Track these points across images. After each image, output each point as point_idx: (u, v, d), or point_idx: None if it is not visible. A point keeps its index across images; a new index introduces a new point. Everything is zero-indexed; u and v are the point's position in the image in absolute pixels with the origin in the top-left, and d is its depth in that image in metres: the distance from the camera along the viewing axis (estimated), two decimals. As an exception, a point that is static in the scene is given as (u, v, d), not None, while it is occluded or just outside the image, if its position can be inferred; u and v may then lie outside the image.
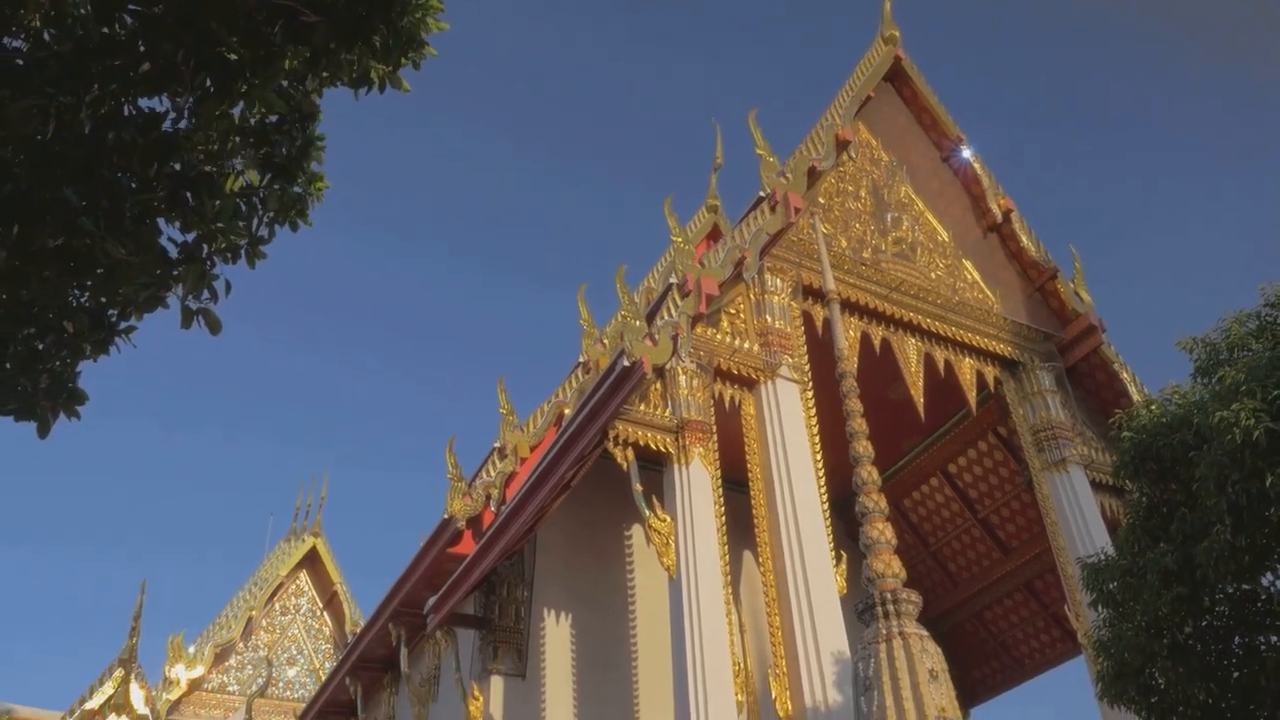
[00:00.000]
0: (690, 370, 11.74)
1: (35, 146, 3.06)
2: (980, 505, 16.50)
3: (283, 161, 3.34)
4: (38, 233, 3.11)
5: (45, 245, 3.12)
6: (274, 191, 3.37)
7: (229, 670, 26.82)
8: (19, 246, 3.15)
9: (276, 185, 3.36)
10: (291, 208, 3.43)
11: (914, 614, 6.81)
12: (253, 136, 3.31)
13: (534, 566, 14.61)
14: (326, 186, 3.53)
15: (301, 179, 3.43)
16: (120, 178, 3.17)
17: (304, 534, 29.32)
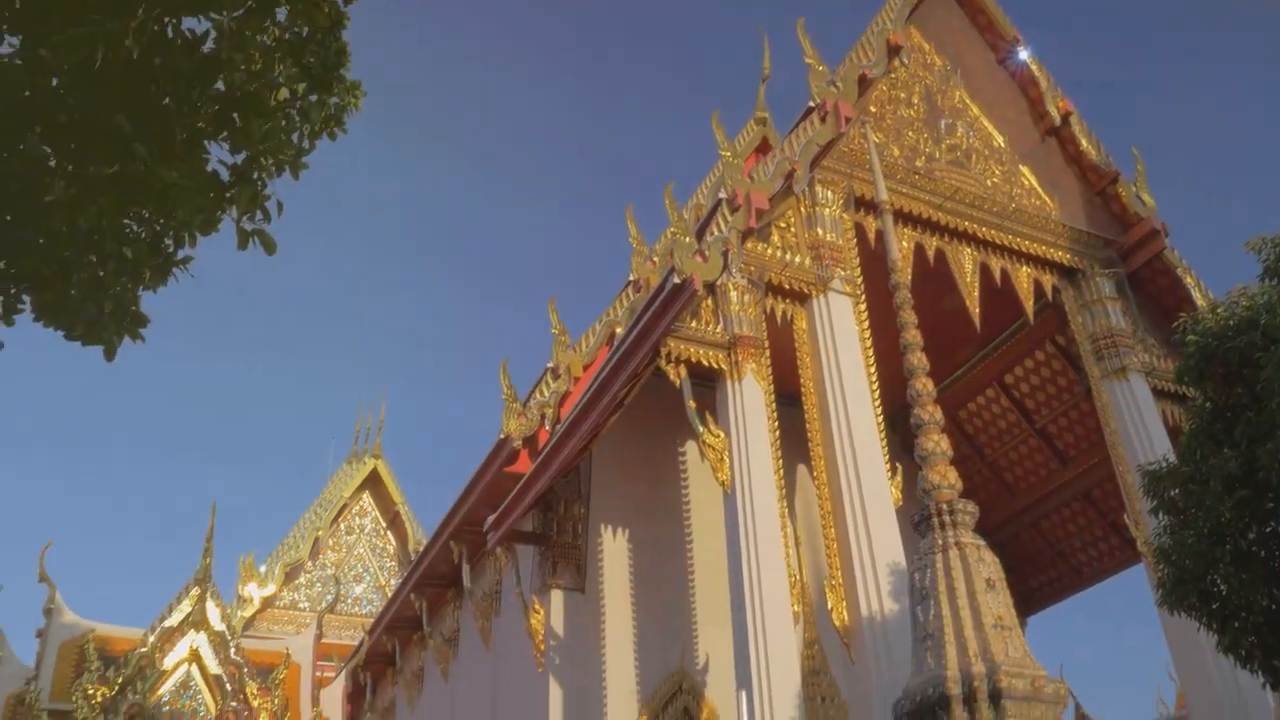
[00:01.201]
0: (741, 286, 11.66)
1: (85, 74, 3.08)
2: (1037, 415, 16.34)
3: (319, 72, 3.33)
4: (93, 161, 3.15)
5: (101, 173, 3.16)
6: (313, 103, 3.37)
7: (299, 588, 27.76)
8: (76, 175, 3.19)
9: (315, 96, 3.35)
10: (330, 118, 3.43)
11: (970, 524, 6.80)
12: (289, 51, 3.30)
13: (590, 483, 14.81)
14: (364, 94, 3.52)
15: (339, 88, 3.43)
16: (168, 102, 3.19)
17: (365, 456, 29.97)
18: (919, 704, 6.10)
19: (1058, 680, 6.14)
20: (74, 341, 3.25)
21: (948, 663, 6.05)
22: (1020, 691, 5.83)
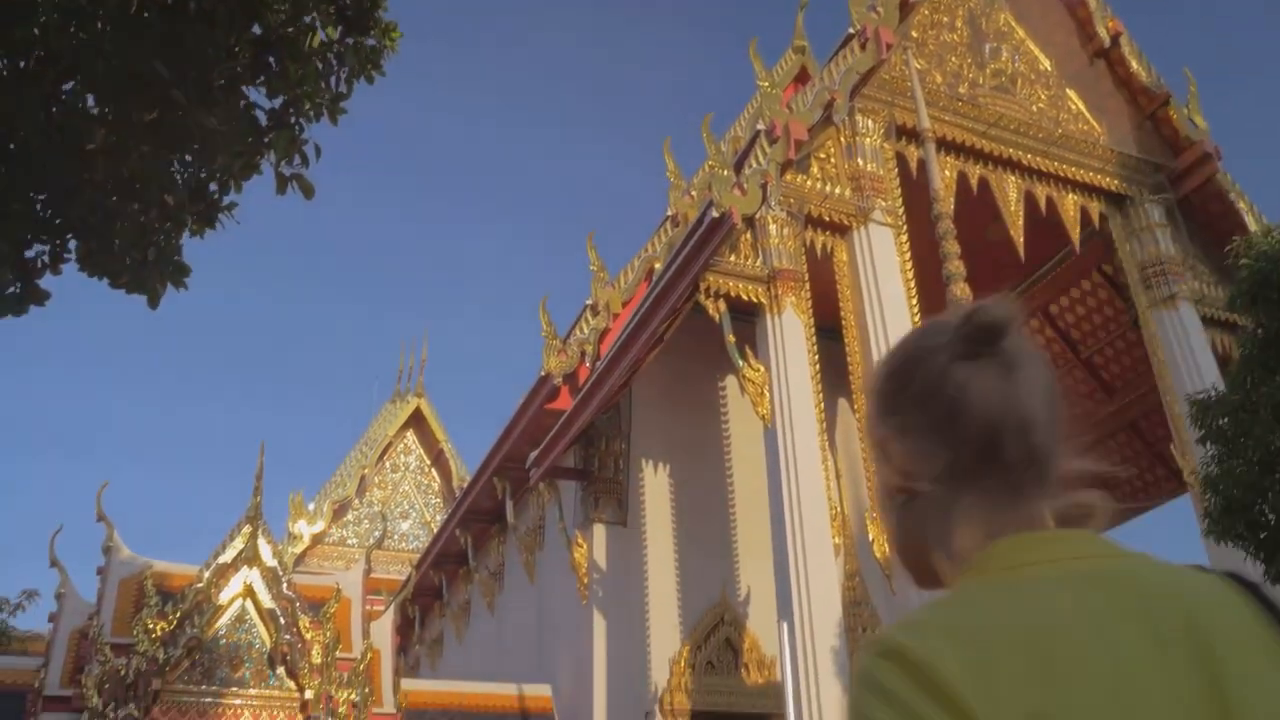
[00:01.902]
0: (780, 219, 11.55)
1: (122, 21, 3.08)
2: (1083, 346, 16.13)
3: (354, 13, 3.31)
4: (133, 108, 3.16)
5: (141, 120, 3.17)
6: (349, 46, 3.34)
7: (347, 525, 28.35)
8: (117, 123, 3.20)
9: (351, 39, 3.33)
10: (367, 61, 3.41)
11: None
12: (325, -8, 3.28)
13: (631, 419, 14.89)
14: (400, 36, 3.49)
15: (375, 30, 3.40)
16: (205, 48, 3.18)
17: (408, 395, 30.33)
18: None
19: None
20: (119, 290, 3.30)
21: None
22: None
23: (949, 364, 0.99)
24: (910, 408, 1.00)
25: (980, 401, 0.96)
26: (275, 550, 12.71)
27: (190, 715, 11.49)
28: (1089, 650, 0.82)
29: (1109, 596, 0.87)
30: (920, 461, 0.99)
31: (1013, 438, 0.96)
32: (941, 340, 1.01)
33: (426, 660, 22.45)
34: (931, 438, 0.98)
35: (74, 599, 12.54)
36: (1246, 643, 0.87)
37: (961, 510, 0.97)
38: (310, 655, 11.91)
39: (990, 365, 0.99)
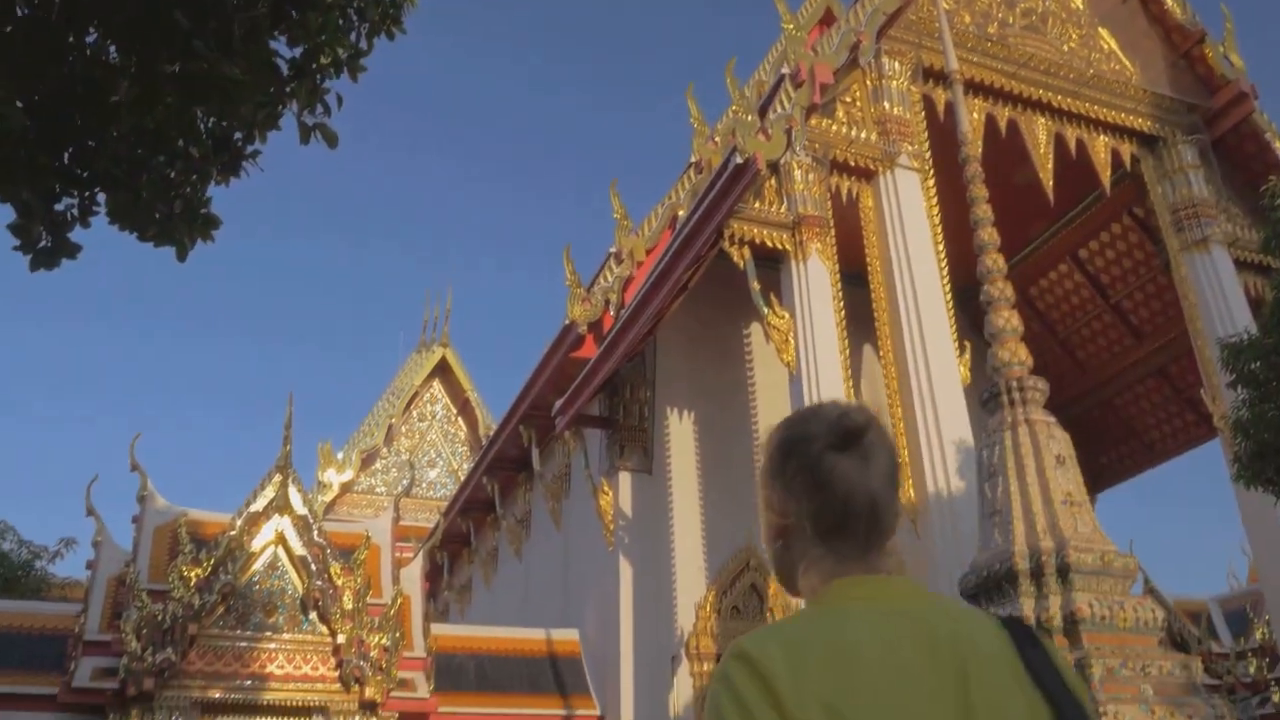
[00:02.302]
0: (805, 164, 11.43)
1: (141, -31, 3.06)
2: (1112, 290, 15.95)
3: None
4: (156, 59, 3.15)
5: (164, 71, 3.17)
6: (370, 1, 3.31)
7: (375, 473, 28.67)
8: (140, 75, 3.20)
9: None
10: (387, 16, 3.37)
11: (1041, 401, 6.72)
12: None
13: (655, 367, 14.91)
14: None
15: (394, -17, 3.36)
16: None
17: (433, 345, 30.46)
18: (986, 579, 6.16)
19: (1127, 555, 6.14)
20: (147, 243, 3.32)
21: (1015, 538, 6.07)
22: (1089, 566, 5.85)
23: (823, 450, 1.29)
24: (792, 476, 1.31)
25: (843, 481, 1.28)
26: (305, 499, 12.88)
27: (226, 659, 11.75)
28: (878, 663, 1.14)
29: (902, 627, 1.18)
30: (794, 517, 1.32)
31: (863, 509, 1.28)
32: (820, 430, 1.31)
33: (455, 606, 22.81)
34: (804, 501, 1.30)
35: (111, 547, 12.79)
36: (995, 667, 1.18)
37: (814, 558, 1.31)
38: (342, 601, 12.12)
39: (853, 456, 1.29)
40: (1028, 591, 5.85)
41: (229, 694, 11.59)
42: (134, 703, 11.19)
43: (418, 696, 12.41)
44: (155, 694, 11.22)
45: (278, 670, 11.86)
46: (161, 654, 11.18)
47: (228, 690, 11.59)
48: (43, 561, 19.63)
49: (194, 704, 11.54)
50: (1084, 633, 5.57)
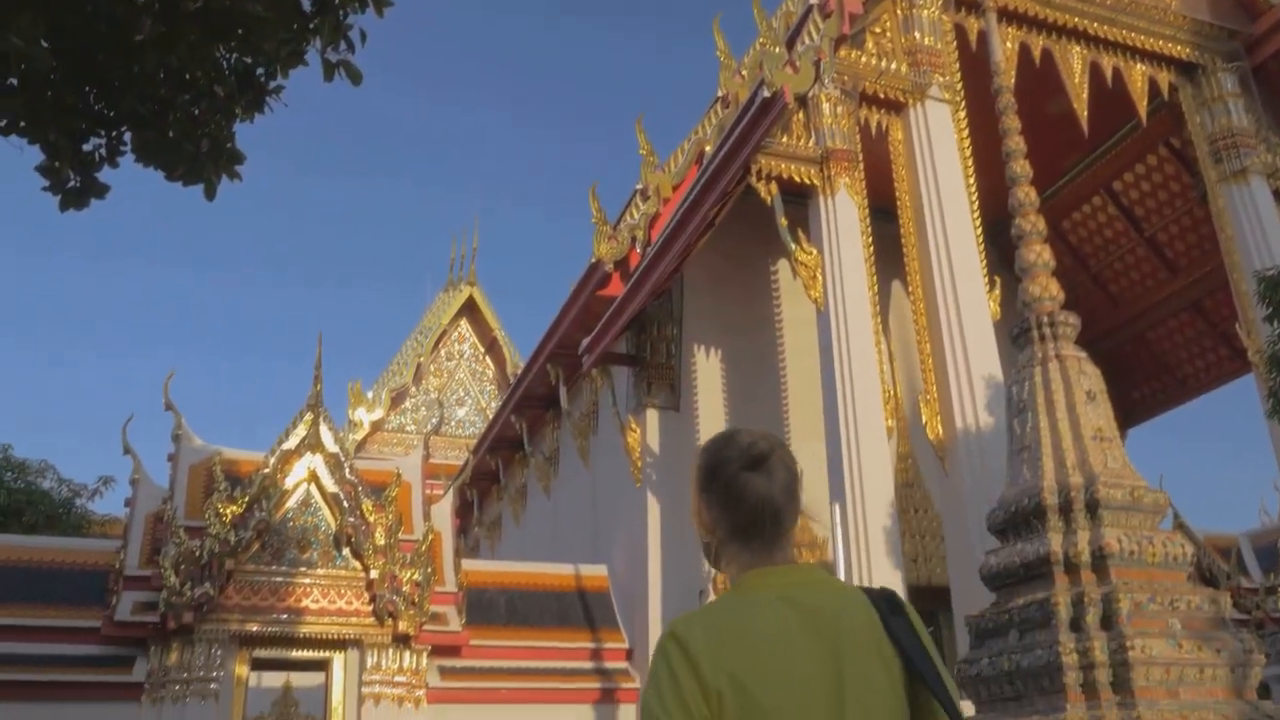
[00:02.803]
0: (834, 97, 11.24)
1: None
2: (1146, 223, 15.69)
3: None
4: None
5: (187, 8, 3.14)
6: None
7: (405, 412, 28.94)
8: (164, 13, 3.18)
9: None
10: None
11: (1072, 336, 6.66)
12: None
13: (682, 304, 14.88)
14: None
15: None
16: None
17: (460, 284, 30.50)
18: (1014, 514, 6.16)
19: (1157, 490, 6.12)
20: (175, 182, 3.32)
21: (1044, 474, 6.05)
22: (1118, 501, 5.83)
23: (738, 470, 1.63)
24: (715, 491, 1.65)
25: (752, 494, 1.62)
26: (337, 437, 13.04)
27: (262, 593, 12.01)
28: (773, 641, 1.46)
29: (793, 611, 1.50)
30: (717, 522, 1.66)
31: (768, 515, 1.62)
32: (735, 455, 1.64)
33: (486, 542, 23.14)
34: (724, 510, 1.64)
35: (148, 485, 13.03)
36: (862, 635, 1.50)
37: (733, 553, 1.65)
38: (374, 537, 12.32)
39: (760, 474, 1.63)
40: (1055, 527, 5.85)
41: (266, 627, 11.86)
42: (174, 636, 11.49)
43: (450, 630, 12.66)
44: (195, 627, 11.50)
45: (313, 604, 12.11)
46: (200, 589, 11.44)
47: (265, 623, 11.86)
48: (82, 499, 20.04)
49: (232, 637, 11.84)
50: (1112, 568, 5.57)
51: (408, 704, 12.16)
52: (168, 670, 11.46)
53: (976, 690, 5.91)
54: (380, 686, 12.12)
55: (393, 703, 12.10)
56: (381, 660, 12.22)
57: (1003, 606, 5.96)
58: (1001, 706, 5.70)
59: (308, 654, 12.62)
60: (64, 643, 11.50)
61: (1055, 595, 5.53)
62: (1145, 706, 4.95)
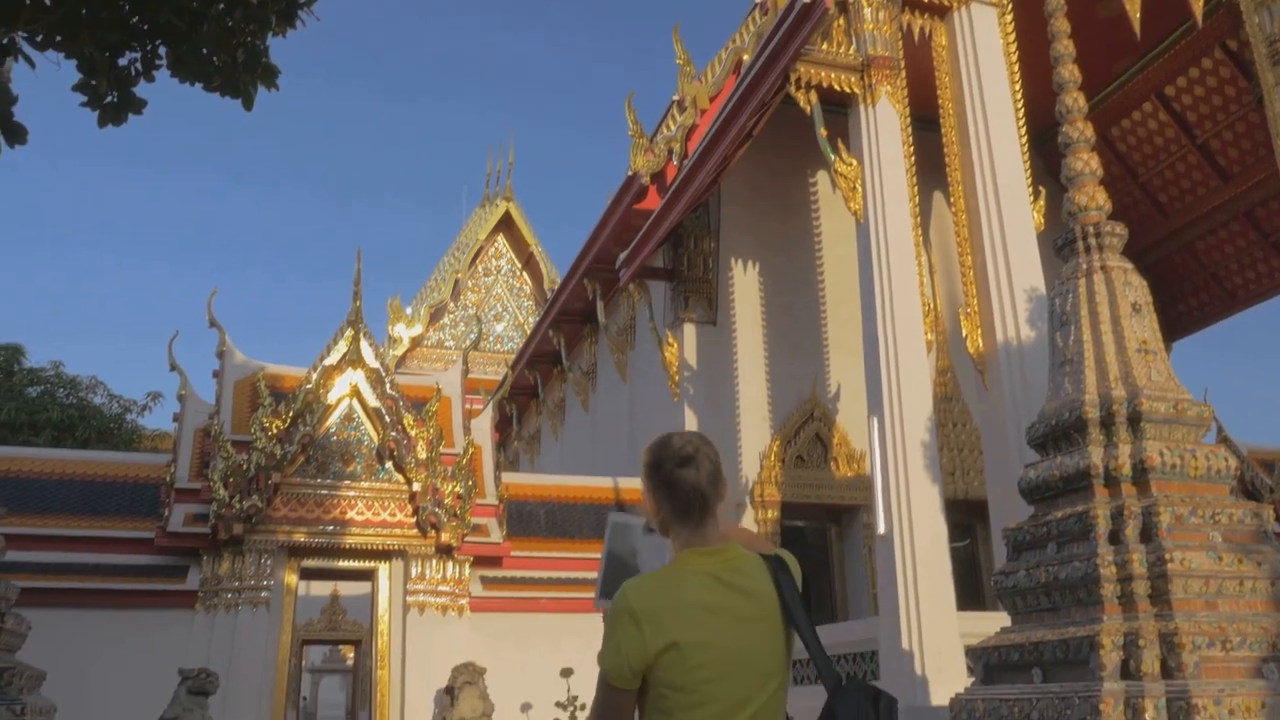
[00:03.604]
0: (876, 2, 10.91)
1: None
2: (1199, 130, 15.22)
3: None
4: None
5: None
6: None
7: (443, 328, 29.15)
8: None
9: None
10: None
11: (1118, 247, 6.52)
12: None
13: (719, 218, 14.74)
14: None
15: None
16: None
17: (496, 199, 30.39)
18: (1054, 428, 6.12)
19: (1201, 404, 6.04)
20: (213, 94, 3.30)
21: (1086, 387, 5.99)
22: (1161, 414, 5.77)
23: (674, 467, 2.03)
24: (658, 483, 2.05)
25: (684, 484, 2.02)
26: (377, 353, 13.17)
27: (309, 505, 12.29)
28: (698, 608, 1.90)
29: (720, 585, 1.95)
30: (661, 509, 2.06)
31: (696, 499, 2.02)
32: (670, 455, 2.03)
33: (525, 455, 23.45)
34: (665, 498, 2.04)
35: (194, 400, 13.28)
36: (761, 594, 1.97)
37: (675, 530, 2.06)
38: (416, 451, 12.52)
39: (689, 468, 2.02)
40: (1096, 440, 5.81)
41: (313, 538, 12.17)
42: (225, 546, 11.83)
43: (491, 541, 12.92)
44: (244, 538, 11.83)
45: (357, 516, 12.39)
46: (248, 501, 11.73)
47: (311, 534, 12.17)
48: (132, 414, 20.53)
49: (281, 547, 12.17)
50: (1153, 481, 5.54)
51: (451, 612, 12.49)
52: (220, 579, 11.83)
53: (1012, 602, 5.95)
54: (424, 595, 12.45)
55: (437, 611, 12.43)
56: (425, 570, 12.53)
57: (1041, 519, 5.96)
58: (1037, 618, 5.74)
59: (354, 564, 12.96)
60: (121, 553, 11.89)
61: (1094, 508, 5.52)
62: (1183, 618, 4.96)
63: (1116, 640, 4.99)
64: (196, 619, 11.72)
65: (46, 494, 12.22)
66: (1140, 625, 5.02)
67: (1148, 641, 4.91)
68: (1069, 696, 4.96)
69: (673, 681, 1.85)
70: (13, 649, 7.63)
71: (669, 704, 1.85)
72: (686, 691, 1.84)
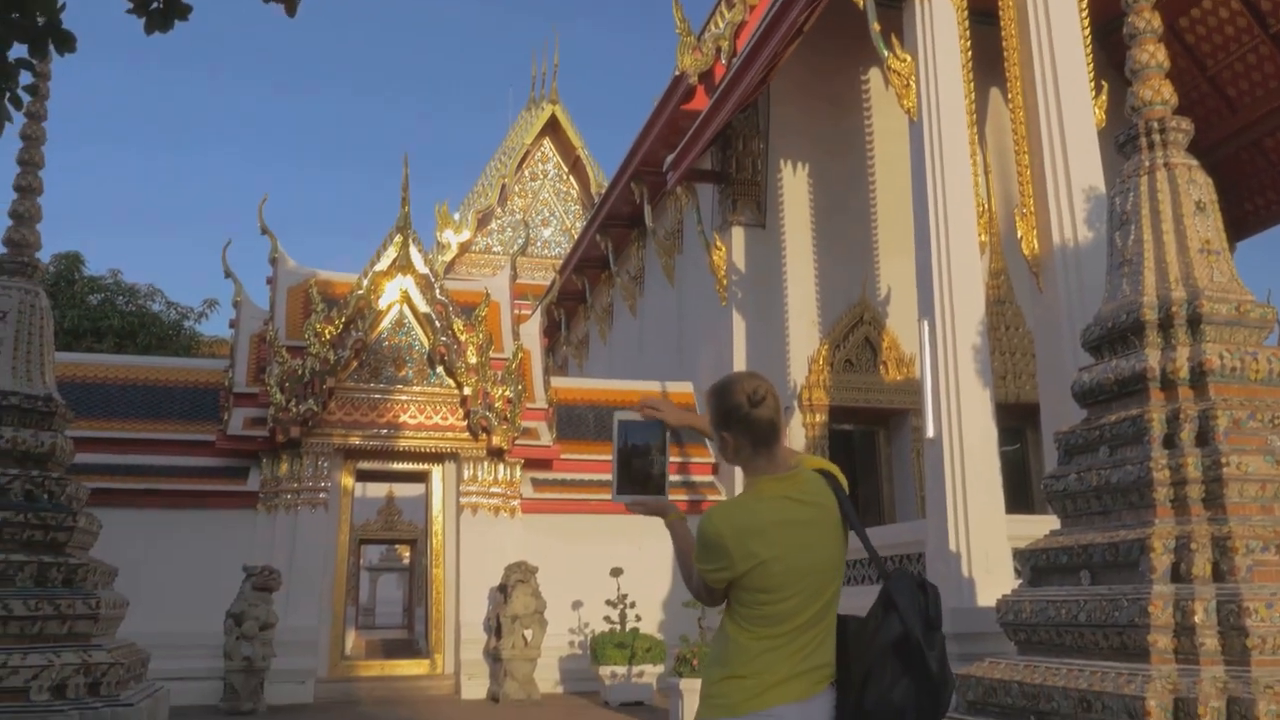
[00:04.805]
0: (934, -114, 10.42)
1: None
2: (1210, 61, 14.56)
3: None
4: None
5: None
6: None
7: (491, 233, 29.14)
8: None
9: None
10: None
11: (1183, 143, 6.27)
12: None
13: (769, 118, 14.44)
14: None
15: None
16: None
17: (542, 102, 30.01)
18: (1110, 330, 5.99)
19: (1265, 305, 5.87)
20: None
21: (1145, 288, 5.84)
22: (1222, 316, 5.62)
23: (750, 409, 2.28)
24: (737, 425, 2.29)
25: (760, 420, 2.28)
26: (426, 258, 13.23)
27: (363, 409, 12.53)
28: (774, 526, 2.21)
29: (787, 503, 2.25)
30: (741, 446, 2.31)
31: (771, 432, 2.29)
32: (743, 399, 2.28)
33: (574, 360, 23.61)
34: (744, 436, 2.30)
35: (249, 307, 13.49)
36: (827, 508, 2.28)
37: (748, 458, 2.32)
38: (466, 355, 12.65)
39: (760, 408, 2.28)
40: (1154, 343, 5.69)
41: (368, 441, 12.44)
42: (283, 449, 12.13)
43: (541, 444, 13.11)
44: (301, 441, 12.12)
45: (410, 420, 12.61)
46: (304, 405, 11.98)
47: (366, 437, 12.43)
48: (189, 321, 20.93)
49: (336, 450, 12.46)
50: (1211, 384, 5.42)
51: (503, 513, 12.77)
52: (279, 480, 12.17)
53: (1062, 505, 5.92)
54: (477, 497, 12.72)
55: (489, 512, 12.71)
56: (477, 472, 12.78)
57: (1094, 423, 5.89)
58: (1087, 521, 5.71)
59: (407, 466, 13.26)
60: (183, 455, 12.26)
61: (1149, 411, 5.43)
62: (1237, 522, 4.91)
63: (1168, 543, 4.96)
64: (258, 518, 12.11)
65: (111, 399, 12.58)
66: (1193, 529, 4.98)
67: (1199, 545, 4.87)
68: (1117, 598, 4.96)
69: (758, 585, 2.18)
70: (86, 546, 7.95)
71: (755, 599, 2.20)
72: (770, 591, 2.18)
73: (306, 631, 11.66)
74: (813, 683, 2.19)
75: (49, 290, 12.08)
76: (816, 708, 2.19)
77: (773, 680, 2.17)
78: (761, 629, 2.20)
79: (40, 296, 8.10)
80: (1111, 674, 4.77)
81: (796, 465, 2.35)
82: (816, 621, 2.22)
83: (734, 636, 2.24)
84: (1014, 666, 5.52)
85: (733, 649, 2.23)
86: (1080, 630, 5.17)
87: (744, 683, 2.18)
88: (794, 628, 2.19)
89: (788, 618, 2.19)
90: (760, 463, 2.31)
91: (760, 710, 2.15)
